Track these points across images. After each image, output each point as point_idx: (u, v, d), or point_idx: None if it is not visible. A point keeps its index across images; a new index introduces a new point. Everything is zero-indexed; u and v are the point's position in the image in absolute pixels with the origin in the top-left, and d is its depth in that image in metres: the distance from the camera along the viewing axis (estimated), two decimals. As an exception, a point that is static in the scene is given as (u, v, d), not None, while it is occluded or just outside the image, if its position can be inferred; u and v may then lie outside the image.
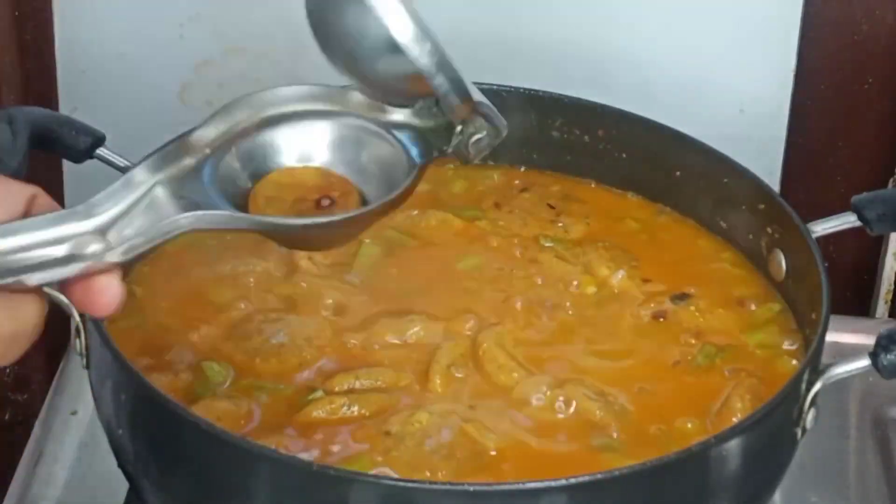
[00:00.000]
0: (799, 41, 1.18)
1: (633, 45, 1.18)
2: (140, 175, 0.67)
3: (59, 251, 0.62)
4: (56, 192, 1.18)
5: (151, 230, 0.65)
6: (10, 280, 0.61)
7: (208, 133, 0.71)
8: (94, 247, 0.63)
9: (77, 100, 1.21)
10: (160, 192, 0.67)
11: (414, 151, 0.72)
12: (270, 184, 0.72)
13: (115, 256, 0.63)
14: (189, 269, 0.90)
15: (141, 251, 0.64)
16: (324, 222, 0.70)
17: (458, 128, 0.72)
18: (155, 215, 0.65)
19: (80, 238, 0.63)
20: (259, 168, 0.72)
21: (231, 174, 0.71)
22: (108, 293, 0.63)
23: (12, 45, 1.18)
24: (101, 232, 0.64)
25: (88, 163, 0.90)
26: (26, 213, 0.63)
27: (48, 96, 1.21)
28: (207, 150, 0.70)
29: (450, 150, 0.73)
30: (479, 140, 0.73)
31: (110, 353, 0.76)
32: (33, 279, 0.61)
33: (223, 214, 0.68)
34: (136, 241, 0.64)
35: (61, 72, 1.21)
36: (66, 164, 1.17)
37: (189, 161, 0.69)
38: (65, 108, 1.21)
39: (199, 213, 0.66)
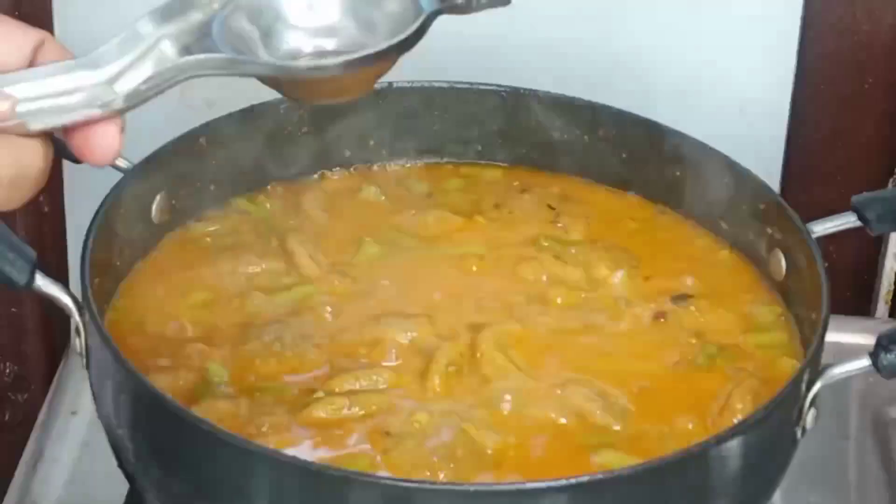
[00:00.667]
0: (799, 41, 1.18)
1: (633, 45, 1.18)
2: (145, 27, 0.67)
3: (66, 101, 0.63)
4: (55, 191, 1.18)
5: (156, 77, 0.65)
6: (12, 123, 0.61)
7: None
8: (102, 96, 0.63)
9: (77, 100, 1.21)
10: (166, 46, 0.67)
11: (423, 1, 0.71)
12: None
13: (119, 103, 0.64)
14: (189, 269, 0.90)
15: (145, 99, 0.65)
16: (327, 64, 0.69)
17: None
18: (161, 65, 0.66)
19: (88, 89, 0.63)
20: (269, 25, 0.71)
21: (241, 32, 0.69)
22: (109, 140, 0.64)
23: (12, 45, 1.18)
24: (109, 82, 0.64)
25: (88, 163, 0.90)
26: (33, 59, 0.64)
27: (48, 96, 1.21)
28: (216, 5, 0.69)
29: (469, 6, 0.72)
30: None
31: (110, 353, 0.76)
32: (37, 125, 0.62)
33: (226, 57, 0.67)
34: (141, 88, 0.65)
35: (61, 72, 1.21)
36: (66, 165, 1.17)
37: (196, 15, 0.69)
38: (65, 108, 1.20)
39: (203, 56, 0.66)
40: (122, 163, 0.88)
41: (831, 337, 0.82)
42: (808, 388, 0.79)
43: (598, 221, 0.97)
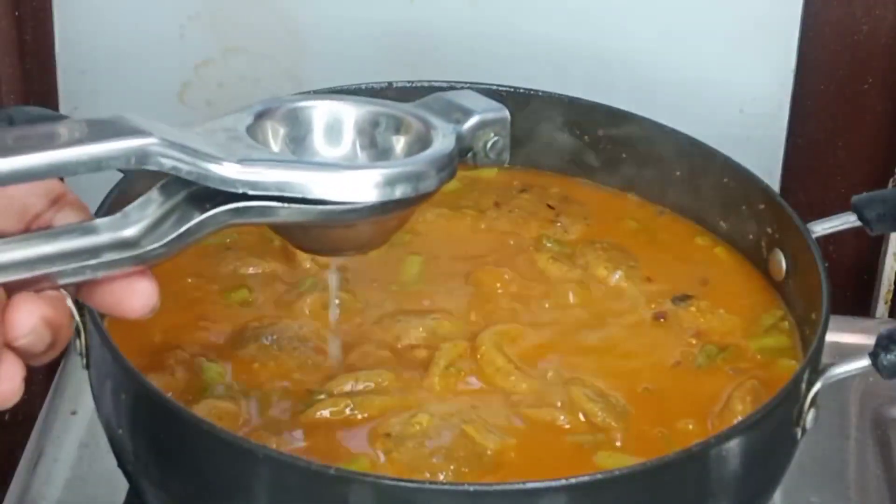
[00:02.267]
0: (799, 41, 1.18)
1: (633, 45, 1.18)
2: (164, 192, 0.65)
3: (91, 260, 0.61)
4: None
5: (182, 235, 0.63)
6: (34, 275, 0.60)
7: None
8: (126, 255, 0.61)
9: (77, 100, 1.21)
10: (189, 205, 0.64)
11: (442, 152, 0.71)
12: None
13: (148, 259, 0.62)
14: (190, 269, 0.90)
15: (176, 252, 0.63)
16: (360, 205, 0.66)
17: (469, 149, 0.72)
18: (185, 222, 0.63)
19: (114, 248, 0.61)
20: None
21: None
22: (144, 298, 0.62)
23: (12, 45, 1.18)
24: (135, 242, 0.62)
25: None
26: (53, 210, 0.62)
27: (48, 96, 1.21)
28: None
29: (475, 163, 0.72)
30: (495, 143, 0.72)
31: (110, 353, 0.76)
32: (60, 282, 0.60)
33: (256, 204, 0.64)
34: (172, 245, 0.62)
35: (61, 72, 1.21)
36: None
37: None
38: (65, 109, 1.21)
39: (232, 205, 0.64)
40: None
41: (831, 337, 0.82)
42: (808, 388, 0.79)
43: (597, 221, 0.97)
